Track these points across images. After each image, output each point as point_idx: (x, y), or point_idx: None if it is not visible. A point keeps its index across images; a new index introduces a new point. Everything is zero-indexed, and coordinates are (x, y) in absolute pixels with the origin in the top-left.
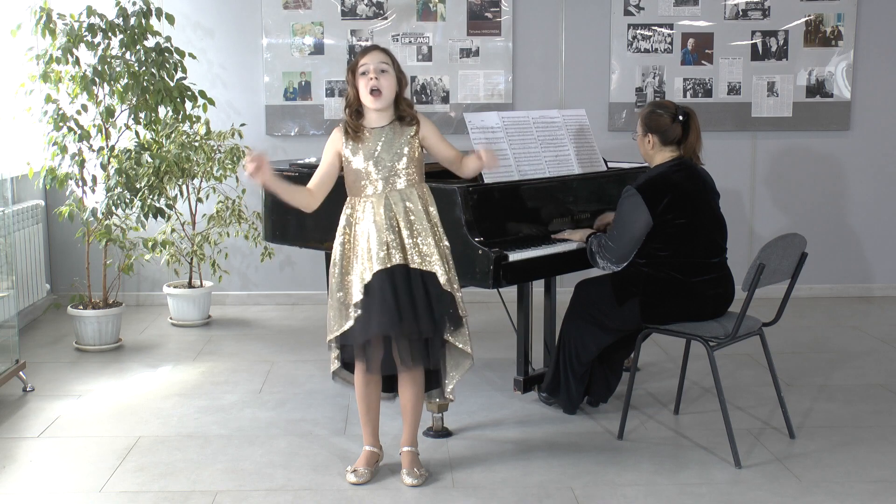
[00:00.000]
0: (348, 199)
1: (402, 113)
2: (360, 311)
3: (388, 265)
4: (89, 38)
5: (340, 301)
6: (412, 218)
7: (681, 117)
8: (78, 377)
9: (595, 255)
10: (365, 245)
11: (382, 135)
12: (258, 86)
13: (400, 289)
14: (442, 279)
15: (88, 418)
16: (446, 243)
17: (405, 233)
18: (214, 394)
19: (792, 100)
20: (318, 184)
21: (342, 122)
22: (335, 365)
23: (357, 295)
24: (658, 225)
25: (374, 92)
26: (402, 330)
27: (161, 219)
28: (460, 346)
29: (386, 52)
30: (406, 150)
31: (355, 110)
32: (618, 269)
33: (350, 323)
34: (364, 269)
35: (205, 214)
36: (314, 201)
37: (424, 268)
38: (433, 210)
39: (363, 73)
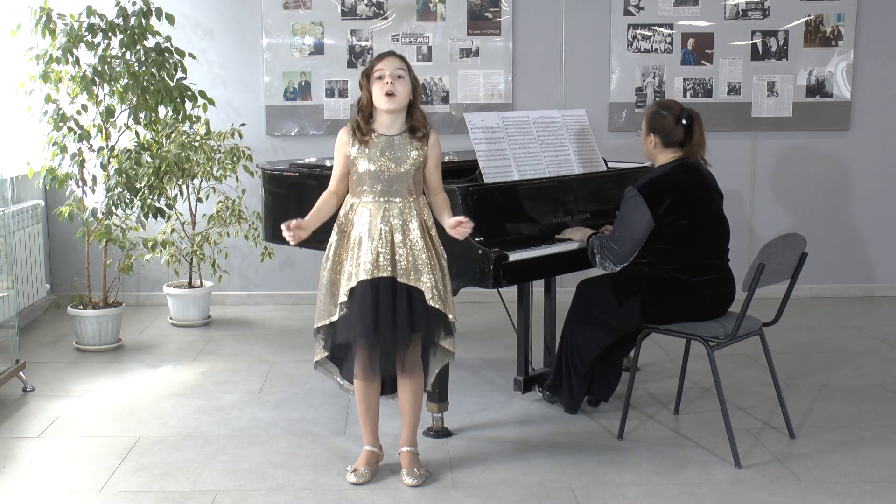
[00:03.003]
0: (349, 195)
1: (415, 123)
2: (344, 311)
3: (373, 276)
4: (89, 38)
5: (330, 292)
6: (408, 233)
7: (684, 121)
8: (78, 377)
9: (596, 255)
10: (356, 250)
11: (391, 143)
12: (258, 86)
13: (382, 301)
14: (427, 296)
15: (88, 418)
16: (443, 257)
17: (399, 248)
18: (214, 394)
19: (792, 100)
20: (338, 183)
21: (349, 123)
22: (320, 355)
23: (342, 296)
24: (660, 226)
25: (389, 95)
26: (377, 342)
27: (161, 219)
28: (447, 346)
29: (402, 58)
30: (410, 161)
31: (368, 114)
32: (618, 269)
33: (335, 318)
34: (351, 273)
35: (205, 214)
36: (339, 200)
37: (412, 283)
38: (430, 224)
39: (379, 78)
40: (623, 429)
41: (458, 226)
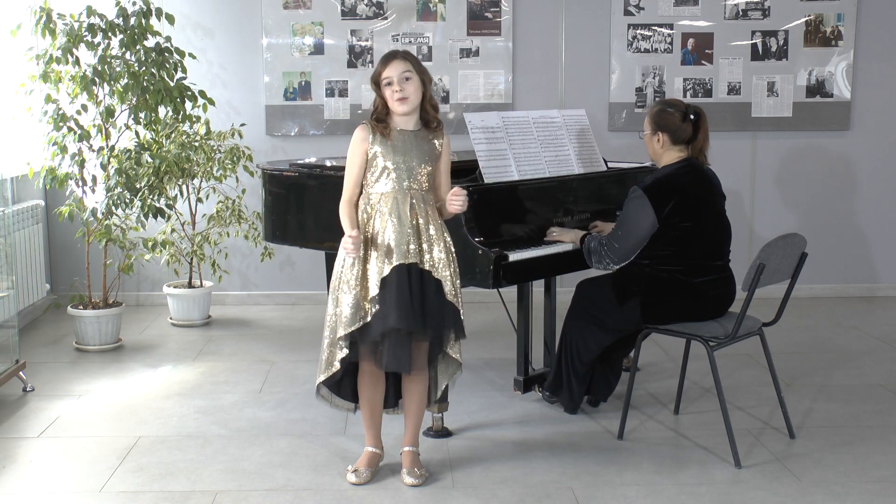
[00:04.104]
0: (363, 196)
1: (427, 116)
2: (377, 307)
3: (407, 261)
4: (89, 38)
5: (357, 297)
6: (430, 223)
7: (692, 116)
8: (78, 377)
9: (593, 254)
10: (384, 238)
11: (410, 137)
12: (258, 86)
13: (414, 287)
14: (447, 288)
15: (88, 418)
16: (453, 253)
17: (423, 235)
18: (214, 394)
19: (792, 100)
20: (353, 189)
21: (365, 121)
22: (323, 376)
23: (374, 289)
24: (663, 227)
25: (402, 100)
26: (413, 327)
27: (161, 219)
28: (454, 354)
29: (406, 58)
30: (429, 156)
31: (385, 114)
32: (615, 268)
33: (367, 319)
34: (383, 262)
35: (205, 214)
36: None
37: (434, 274)
38: (444, 227)
39: (388, 84)
40: (623, 429)
41: (455, 197)
